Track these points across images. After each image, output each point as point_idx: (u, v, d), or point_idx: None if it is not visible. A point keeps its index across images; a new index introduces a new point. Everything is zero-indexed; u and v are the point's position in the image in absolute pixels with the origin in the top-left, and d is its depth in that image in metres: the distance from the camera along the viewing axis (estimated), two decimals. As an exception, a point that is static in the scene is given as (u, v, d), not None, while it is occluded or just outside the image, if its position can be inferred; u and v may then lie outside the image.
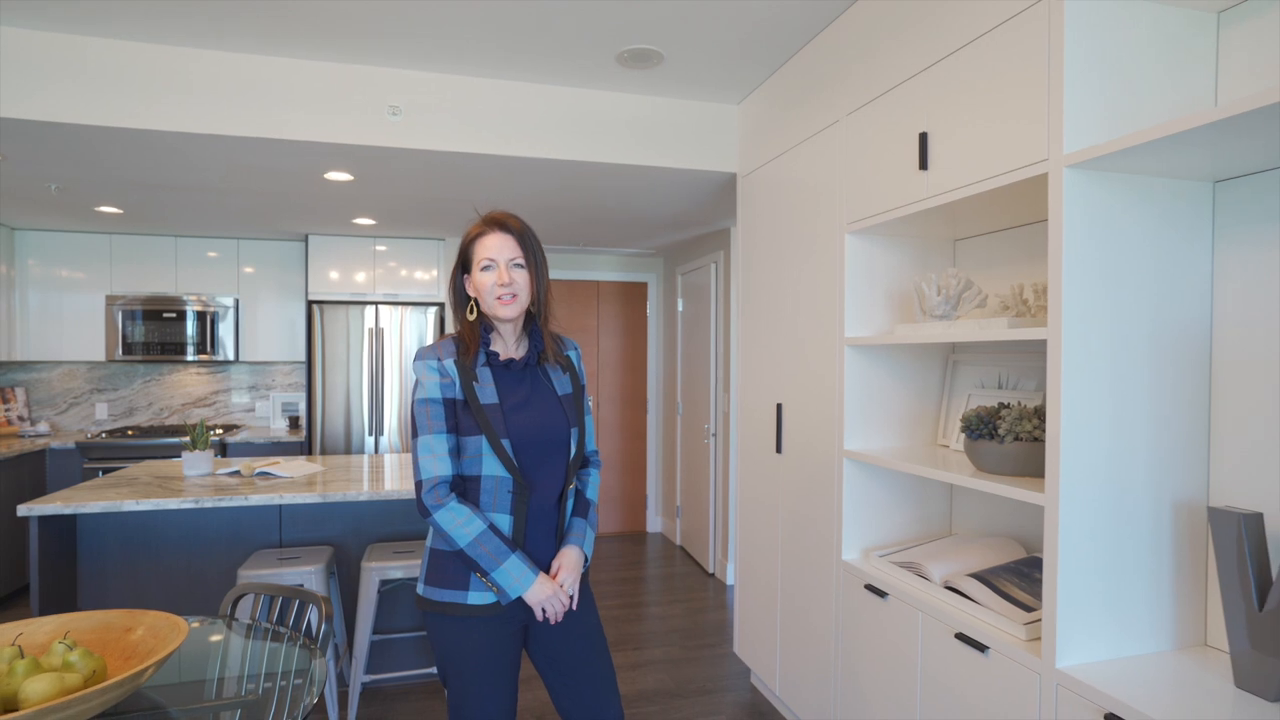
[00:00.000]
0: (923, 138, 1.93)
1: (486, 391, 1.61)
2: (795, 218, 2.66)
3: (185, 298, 4.87)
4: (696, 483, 5.06)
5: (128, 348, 4.77)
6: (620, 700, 1.72)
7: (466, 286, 1.69)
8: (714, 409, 4.72)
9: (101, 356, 4.79)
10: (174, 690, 1.47)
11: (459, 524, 1.53)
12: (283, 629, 1.76)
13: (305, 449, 4.81)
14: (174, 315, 4.84)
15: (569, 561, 1.64)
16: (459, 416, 1.59)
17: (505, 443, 1.58)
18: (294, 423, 5.23)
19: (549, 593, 1.58)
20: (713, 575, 4.71)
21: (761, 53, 2.69)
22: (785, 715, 2.84)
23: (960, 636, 1.76)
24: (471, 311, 1.67)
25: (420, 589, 1.63)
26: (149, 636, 1.47)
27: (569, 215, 4.24)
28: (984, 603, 1.79)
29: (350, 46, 2.64)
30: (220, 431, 4.91)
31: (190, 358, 4.88)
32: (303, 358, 5.14)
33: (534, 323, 1.71)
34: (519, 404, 1.63)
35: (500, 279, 1.60)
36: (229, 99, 2.70)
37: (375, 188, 3.54)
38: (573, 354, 1.79)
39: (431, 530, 1.63)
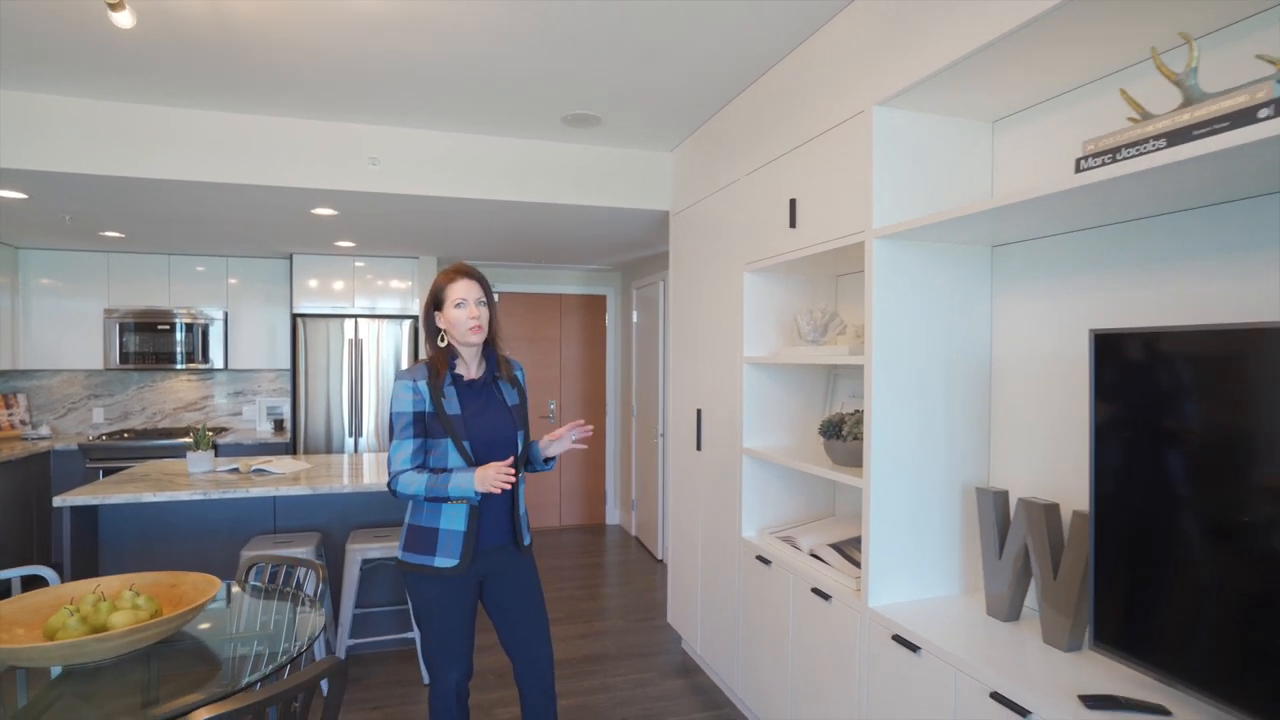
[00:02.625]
0: (792, 203, 2.46)
1: (452, 404, 2.10)
2: (711, 254, 3.19)
3: (176, 310, 5.29)
4: (648, 479, 5.58)
5: (123, 356, 5.19)
6: (550, 641, 2.22)
7: (437, 320, 2.16)
8: (662, 412, 5.23)
9: (99, 365, 5.20)
10: (209, 628, 1.95)
11: (411, 484, 2.02)
12: (287, 589, 2.25)
13: (290, 449, 5.26)
14: (166, 327, 5.26)
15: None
16: (429, 424, 2.08)
17: (466, 443, 2.07)
18: (279, 425, 5.67)
19: (489, 473, 1.95)
20: (661, 561, 5.24)
21: (683, 117, 3.22)
22: (706, 670, 3.37)
23: (815, 590, 2.30)
24: (442, 340, 2.16)
25: (400, 554, 2.12)
26: (191, 589, 1.95)
27: (529, 240, 4.75)
28: (834, 565, 2.33)
29: (336, 107, 3.12)
30: (211, 434, 5.32)
31: (180, 366, 5.30)
32: (286, 366, 5.58)
33: (490, 348, 2.22)
34: (476, 412, 2.13)
35: (472, 314, 2.10)
36: (234, 152, 3.17)
37: (356, 220, 4.01)
38: (520, 373, 2.29)
39: (410, 508, 2.13)
